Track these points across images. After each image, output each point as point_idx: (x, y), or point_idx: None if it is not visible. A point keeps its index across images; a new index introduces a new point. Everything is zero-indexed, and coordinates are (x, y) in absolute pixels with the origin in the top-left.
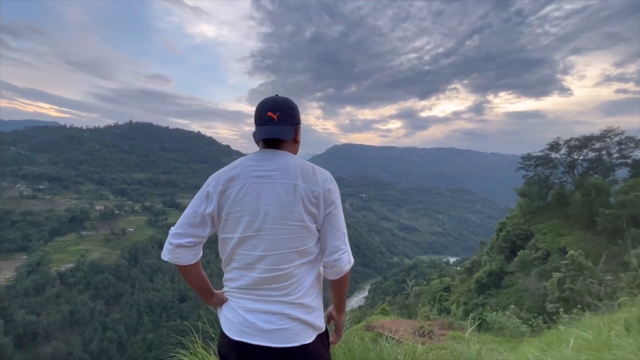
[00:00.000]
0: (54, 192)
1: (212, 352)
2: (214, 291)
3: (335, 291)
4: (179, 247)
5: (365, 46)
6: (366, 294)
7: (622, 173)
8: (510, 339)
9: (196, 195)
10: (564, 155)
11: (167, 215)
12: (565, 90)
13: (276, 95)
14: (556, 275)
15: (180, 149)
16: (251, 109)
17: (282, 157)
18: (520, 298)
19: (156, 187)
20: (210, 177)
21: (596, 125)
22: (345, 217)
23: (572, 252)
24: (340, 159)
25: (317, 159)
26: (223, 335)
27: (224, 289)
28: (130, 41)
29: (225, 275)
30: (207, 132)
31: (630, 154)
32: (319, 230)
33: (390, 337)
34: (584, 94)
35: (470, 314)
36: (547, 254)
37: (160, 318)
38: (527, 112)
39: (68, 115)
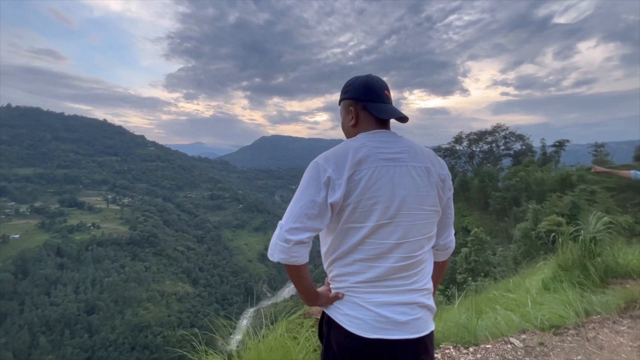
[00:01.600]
0: None
1: None
2: (318, 291)
3: (440, 272)
4: (298, 244)
5: (291, 37)
6: None
7: (507, 162)
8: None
9: (306, 182)
10: (466, 147)
11: (66, 216)
12: (464, 91)
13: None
14: (464, 250)
15: (82, 140)
16: (169, 96)
17: (402, 139)
18: None
19: (50, 184)
20: (322, 160)
21: (487, 122)
22: (275, 209)
23: (475, 229)
24: (269, 151)
25: (245, 151)
26: (351, 335)
27: (338, 285)
28: (4, 5)
29: (339, 270)
30: (116, 121)
31: (512, 146)
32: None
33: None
34: (478, 94)
35: None
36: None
37: (62, 336)
38: (436, 108)
39: None
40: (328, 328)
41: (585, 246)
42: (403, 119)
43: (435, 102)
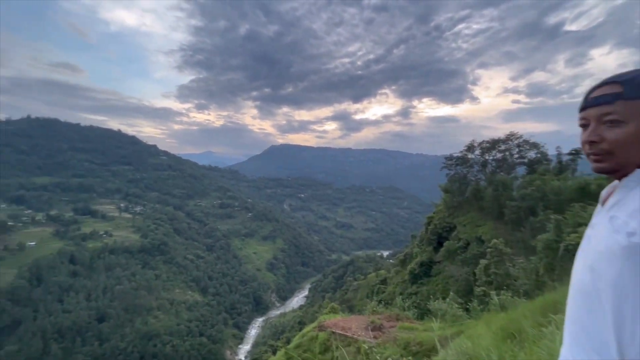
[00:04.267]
0: None
1: None
2: None
3: None
4: None
5: (301, 47)
6: (306, 292)
7: (521, 171)
8: (452, 324)
9: None
10: (478, 155)
11: (80, 224)
12: (474, 99)
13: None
14: (483, 262)
15: (97, 150)
16: (181, 106)
17: None
18: (447, 284)
19: (65, 192)
20: None
21: (498, 130)
22: (284, 217)
23: (494, 240)
24: (278, 160)
25: (255, 160)
26: None
27: None
28: (28, 21)
29: None
30: (130, 131)
31: (526, 155)
32: None
33: (343, 335)
34: (488, 102)
35: (406, 303)
36: (467, 243)
37: (74, 344)
38: (445, 116)
39: None
40: None
41: None
42: None
43: (445, 110)
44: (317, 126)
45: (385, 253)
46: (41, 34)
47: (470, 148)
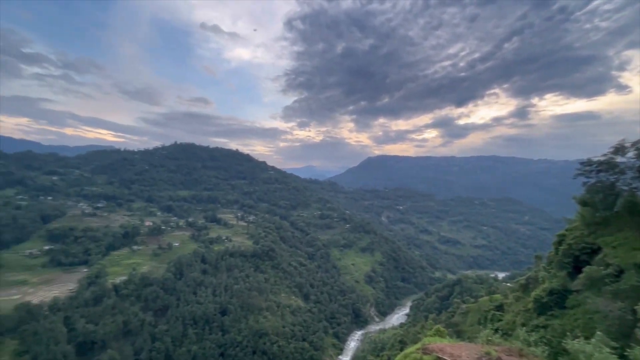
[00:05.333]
0: (110, 210)
1: None
2: None
3: None
4: None
5: (396, 57)
6: (407, 310)
7: None
8: None
9: None
10: (632, 159)
11: (208, 230)
12: (622, 88)
13: None
14: None
15: (221, 167)
16: (286, 125)
17: None
18: (591, 321)
19: (199, 203)
20: None
21: None
22: (382, 230)
23: None
24: (374, 171)
25: (351, 172)
26: None
27: None
28: (175, 68)
29: None
30: (245, 150)
31: None
32: None
33: None
34: None
35: (532, 337)
36: (619, 270)
37: (204, 331)
38: (579, 113)
39: (122, 140)
40: None
41: None
42: None
43: (577, 105)
44: (415, 135)
45: (501, 275)
46: (184, 77)
47: (619, 149)
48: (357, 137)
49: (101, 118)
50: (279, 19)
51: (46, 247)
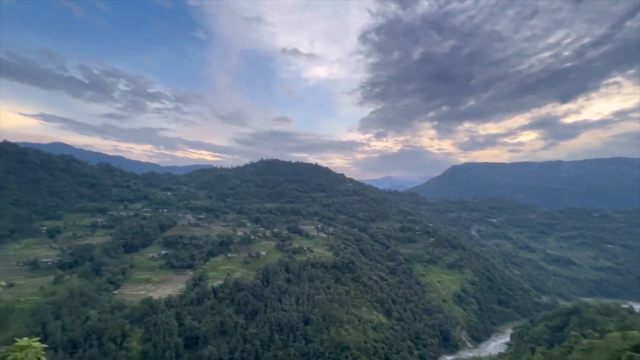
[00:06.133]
0: (209, 221)
1: None
2: None
3: None
4: None
5: (482, 56)
6: (507, 338)
7: None
8: None
9: None
10: None
11: (291, 240)
12: None
13: None
14: None
15: (302, 180)
16: (363, 137)
17: None
18: None
19: (282, 215)
20: None
21: None
22: (472, 245)
23: None
24: (460, 180)
25: (434, 182)
26: None
27: None
28: (260, 92)
29: None
30: (323, 163)
31: None
32: None
33: None
34: None
35: None
36: None
37: (288, 338)
38: None
39: (219, 159)
40: None
41: None
42: None
43: None
44: (509, 139)
45: (637, 306)
46: (268, 99)
47: None
48: (439, 144)
49: (203, 141)
50: (354, 34)
51: (163, 252)
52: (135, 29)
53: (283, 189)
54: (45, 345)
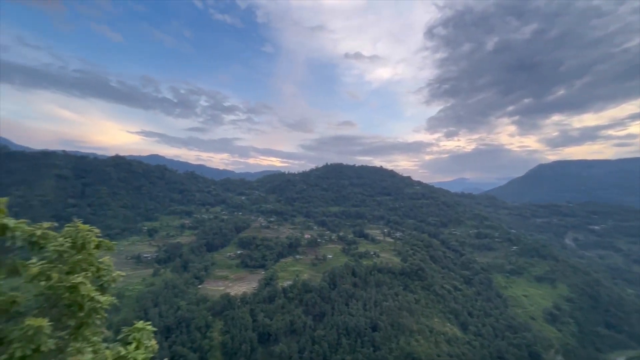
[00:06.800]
0: (279, 223)
1: None
2: None
3: None
4: None
5: (574, 37)
6: None
7: None
8: None
9: None
10: None
11: (357, 244)
12: None
13: None
14: None
15: (366, 184)
16: (431, 137)
17: None
18: None
19: (347, 218)
20: None
21: None
22: (567, 256)
23: None
24: (549, 181)
25: (516, 183)
26: None
27: None
28: (324, 98)
29: None
30: (389, 166)
31: None
32: None
33: None
34: None
35: None
36: None
37: (356, 343)
38: None
39: (286, 164)
40: None
41: None
42: None
43: None
44: (613, 131)
45: None
46: (331, 104)
47: None
48: (520, 141)
49: (272, 148)
50: (418, 31)
51: (238, 252)
52: (213, 50)
53: (348, 192)
54: (155, 329)
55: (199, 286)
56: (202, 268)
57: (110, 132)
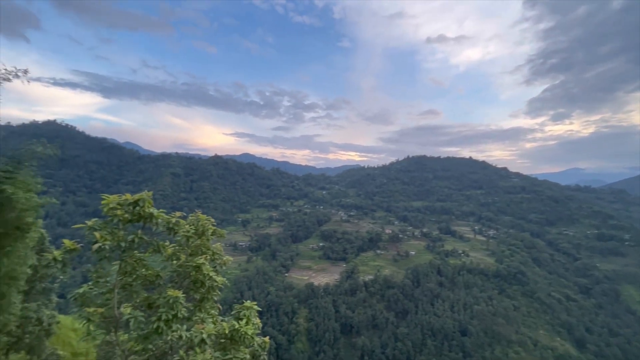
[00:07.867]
0: (359, 218)
1: None
2: None
3: None
4: None
5: None
6: None
7: None
8: None
9: None
10: None
11: (443, 242)
12: None
13: None
14: None
15: (453, 177)
16: (532, 122)
17: None
18: None
19: (432, 214)
20: None
21: None
22: None
23: None
24: None
25: None
26: None
27: None
28: (404, 88)
29: None
30: (479, 157)
31: None
32: None
33: None
34: None
35: None
36: None
37: (442, 345)
38: None
39: (365, 158)
40: None
41: None
42: None
43: None
44: None
45: None
46: (413, 94)
47: None
48: None
49: (351, 143)
50: (514, 2)
51: (320, 244)
52: (293, 51)
53: (432, 186)
54: (260, 309)
55: (286, 274)
56: (288, 257)
57: (210, 134)
